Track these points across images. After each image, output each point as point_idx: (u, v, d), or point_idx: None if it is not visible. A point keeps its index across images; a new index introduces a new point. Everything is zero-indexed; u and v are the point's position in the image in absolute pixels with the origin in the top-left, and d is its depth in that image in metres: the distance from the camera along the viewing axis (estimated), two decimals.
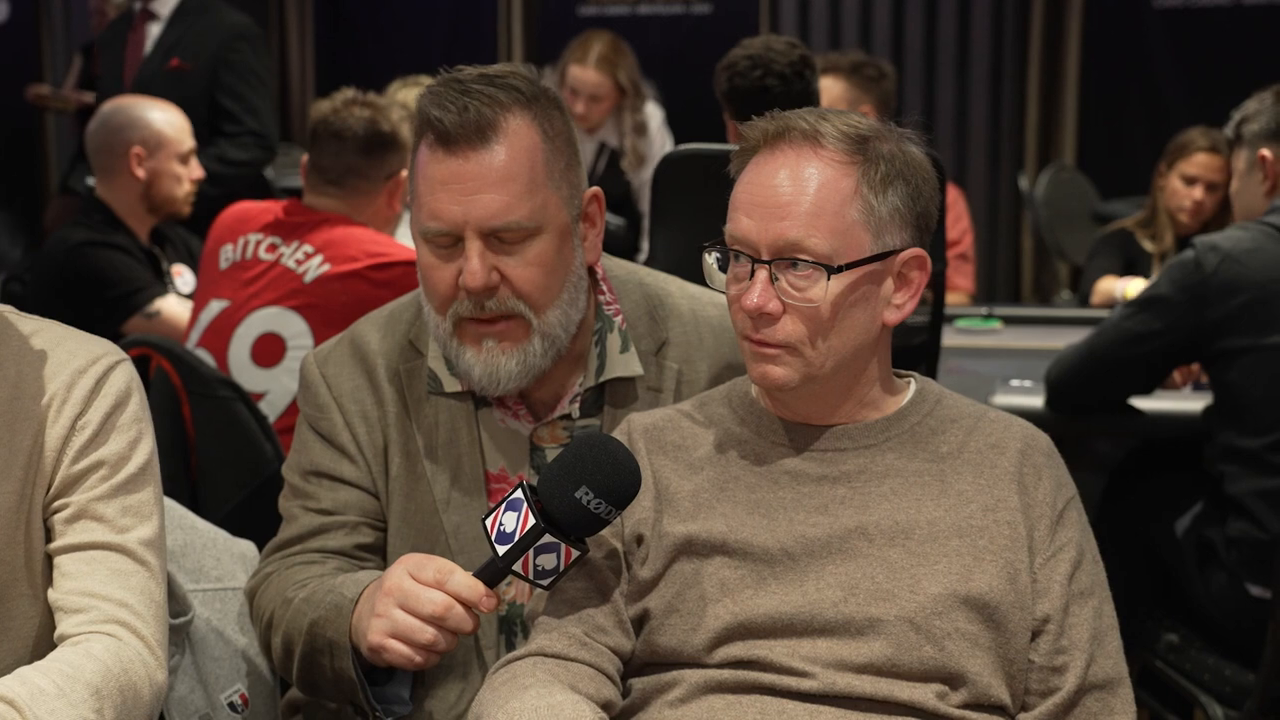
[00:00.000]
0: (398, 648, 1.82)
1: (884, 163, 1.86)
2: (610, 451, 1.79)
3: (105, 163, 4.07)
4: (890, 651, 1.79)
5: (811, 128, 1.86)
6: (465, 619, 1.80)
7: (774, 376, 1.87)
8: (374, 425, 2.10)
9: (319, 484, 2.10)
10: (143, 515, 1.88)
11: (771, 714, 1.78)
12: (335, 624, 1.91)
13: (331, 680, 1.94)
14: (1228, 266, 3.05)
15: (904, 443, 1.92)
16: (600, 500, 1.76)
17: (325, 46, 9.99)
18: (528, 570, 1.78)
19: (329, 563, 2.06)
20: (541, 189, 1.98)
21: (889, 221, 1.86)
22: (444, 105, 1.95)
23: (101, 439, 1.88)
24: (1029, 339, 4.46)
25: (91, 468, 1.87)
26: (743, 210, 1.87)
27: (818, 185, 1.83)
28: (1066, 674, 1.83)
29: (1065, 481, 1.93)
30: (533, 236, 1.98)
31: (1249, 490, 3.04)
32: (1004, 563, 1.83)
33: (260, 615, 2.07)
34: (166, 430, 3.02)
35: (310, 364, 2.16)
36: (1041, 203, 6.72)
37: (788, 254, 1.83)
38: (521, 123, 1.98)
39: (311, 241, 3.48)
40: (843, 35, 8.36)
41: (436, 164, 1.97)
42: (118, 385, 1.90)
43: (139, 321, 3.91)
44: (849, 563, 1.83)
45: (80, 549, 1.85)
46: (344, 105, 3.62)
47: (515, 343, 2.01)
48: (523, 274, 1.98)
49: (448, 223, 1.97)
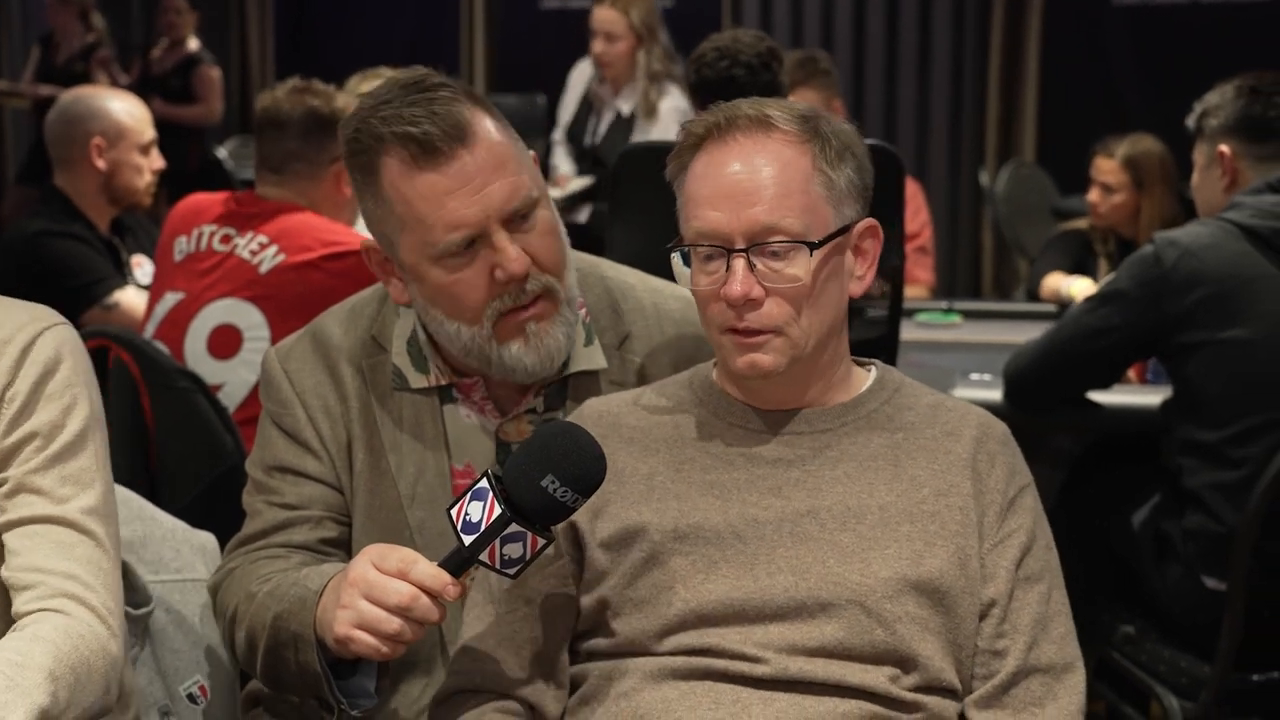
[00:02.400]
0: (364, 639, 1.80)
1: (834, 138, 1.88)
2: (576, 439, 1.78)
3: (65, 153, 4.04)
4: (841, 635, 1.79)
5: (759, 113, 1.87)
6: (431, 609, 1.79)
7: (763, 364, 1.86)
8: (337, 420, 2.09)
9: (282, 479, 2.09)
10: (83, 483, 1.85)
11: (725, 701, 1.78)
12: (300, 617, 1.89)
13: (296, 674, 1.92)
14: (1186, 261, 3.07)
15: (860, 428, 1.92)
16: (567, 489, 1.75)
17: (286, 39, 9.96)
18: (494, 560, 1.77)
19: (293, 557, 2.04)
20: (523, 159, 1.99)
21: (846, 194, 1.88)
22: (412, 120, 1.92)
23: (30, 409, 1.84)
24: (988, 333, 4.48)
25: (24, 440, 1.84)
26: (707, 204, 1.86)
27: (780, 166, 1.84)
28: (1006, 657, 1.83)
29: (1020, 469, 1.94)
30: (537, 206, 1.98)
31: (1206, 483, 3.06)
32: (955, 548, 1.84)
33: (224, 610, 2.05)
34: (126, 422, 3.01)
35: (272, 359, 2.14)
36: (1001, 198, 6.75)
37: (764, 238, 1.83)
38: (478, 114, 1.97)
39: (266, 232, 3.45)
40: (804, 33, 8.38)
41: (435, 175, 1.93)
42: (45, 353, 1.86)
43: (97, 313, 3.88)
44: (799, 546, 1.83)
45: (22, 524, 1.82)
46: (286, 94, 3.59)
47: (550, 319, 2.00)
48: (542, 245, 1.98)
49: (472, 226, 1.93)
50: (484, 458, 2.09)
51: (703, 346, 2.09)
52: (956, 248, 8.30)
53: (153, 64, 8.41)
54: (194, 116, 8.15)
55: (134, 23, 9.83)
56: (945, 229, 7.98)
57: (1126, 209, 4.95)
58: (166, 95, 8.08)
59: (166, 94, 8.09)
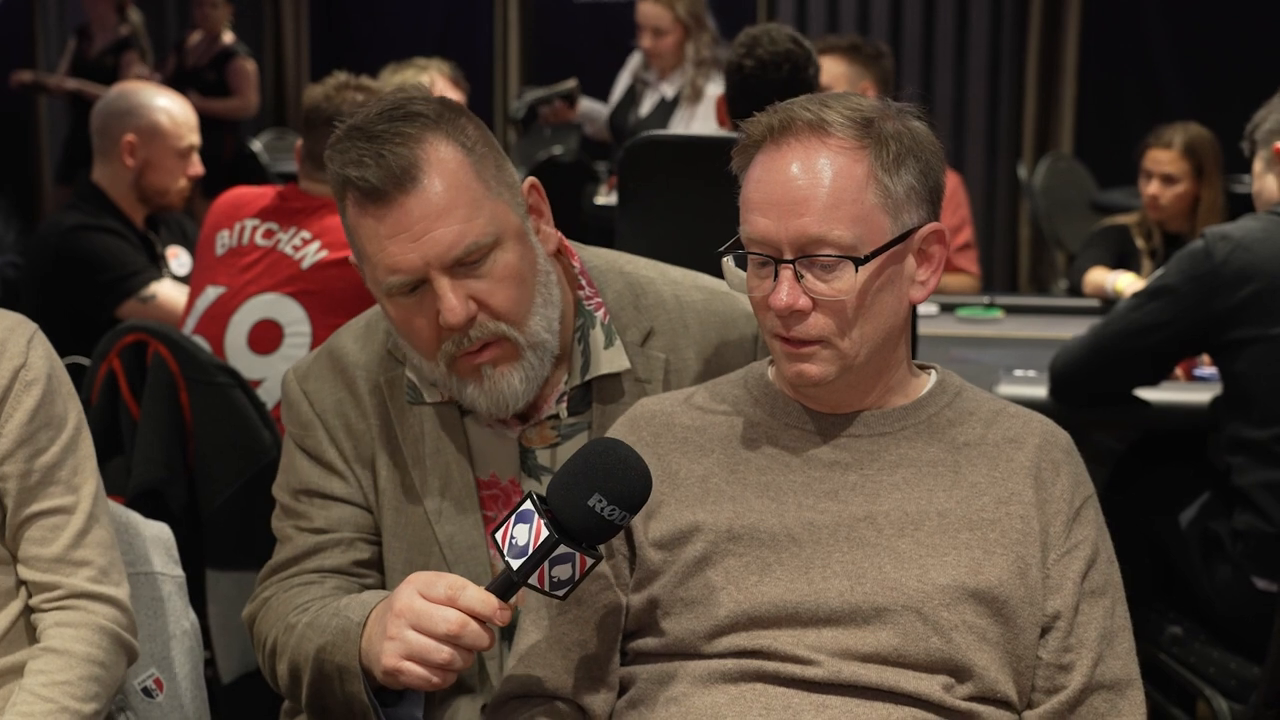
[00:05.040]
0: (414, 669, 1.77)
1: (893, 142, 1.82)
2: (621, 456, 1.75)
3: (102, 145, 4.03)
4: (897, 641, 1.77)
5: (816, 117, 1.82)
6: (481, 635, 1.76)
7: (810, 374, 1.84)
8: (359, 438, 2.06)
9: (310, 503, 2.07)
10: (89, 472, 2.02)
11: (776, 706, 1.76)
12: (343, 648, 1.87)
13: (343, 704, 1.90)
14: (1239, 255, 3.03)
15: (920, 432, 1.89)
16: (614, 507, 1.72)
17: (320, 29, 9.97)
18: (543, 582, 1.74)
19: (327, 582, 2.03)
20: (484, 201, 1.93)
21: (905, 200, 1.83)
22: (359, 162, 1.89)
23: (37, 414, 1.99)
24: (1031, 329, 4.46)
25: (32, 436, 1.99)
26: (758, 210, 1.83)
27: (832, 175, 1.80)
28: (1073, 672, 1.81)
29: (1083, 479, 1.91)
30: (493, 250, 1.93)
31: (1256, 482, 3.02)
32: (1014, 557, 1.81)
33: (262, 641, 2.03)
34: (164, 417, 3.00)
35: (291, 380, 2.12)
36: (1039, 192, 6.71)
37: (810, 250, 1.80)
38: (439, 146, 1.91)
39: (309, 227, 3.45)
40: (840, 24, 8.35)
41: (375, 221, 1.91)
42: (40, 355, 1.98)
43: (134, 306, 3.88)
44: (855, 551, 1.81)
45: (42, 516, 1.99)
46: (336, 90, 3.58)
47: (509, 362, 1.96)
48: (496, 293, 1.93)
49: (410, 272, 1.91)
50: (508, 466, 2.07)
51: (727, 339, 2.06)
52: (994, 242, 8.27)
53: (188, 57, 8.42)
54: (229, 110, 8.16)
55: (169, 16, 9.85)
56: (983, 222, 7.95)
57: (1188, 199, 4.90)
58: (202, 89, 8.08)
59: (202, 87, 8.10)
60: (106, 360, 3.04)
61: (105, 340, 3.06)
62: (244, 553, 2.93)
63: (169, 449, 3.00)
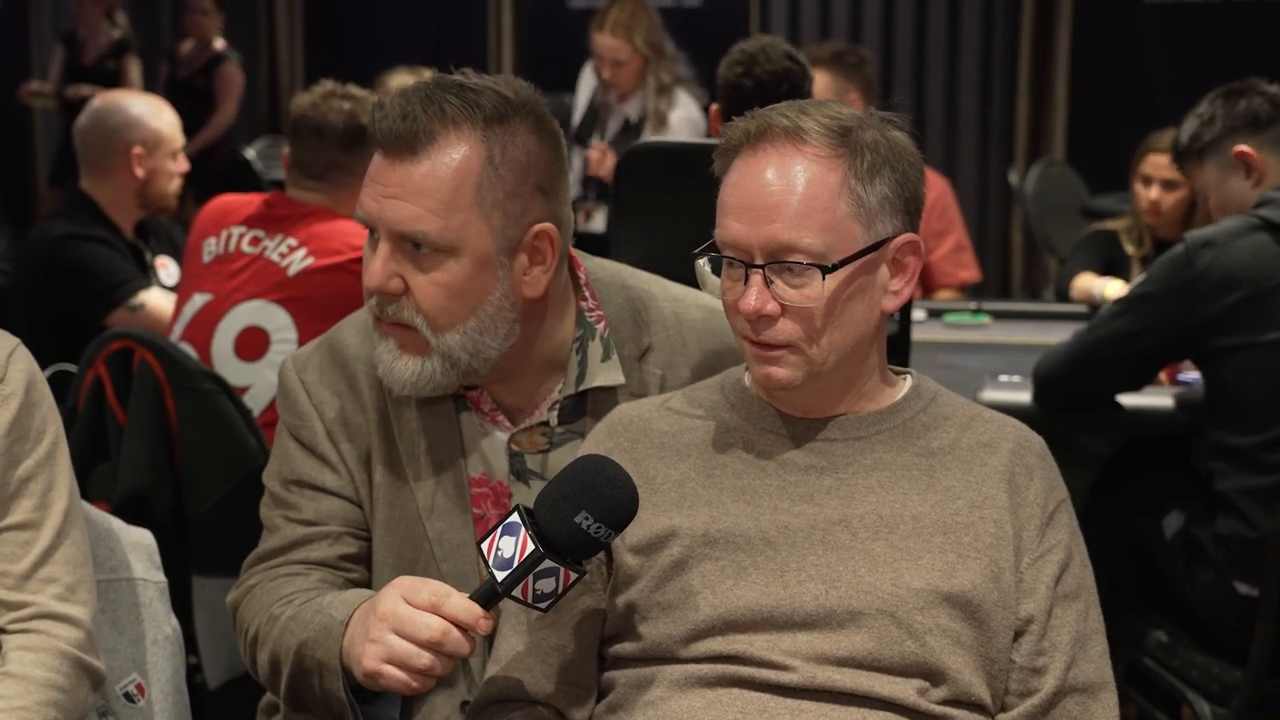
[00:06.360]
0: (394, 673, 1.79)
1: (869, 152, 1.83)
2: (609, 476, 1.77)
3: (101, 161, 4.03)
4: (871, 645, 1.77)
5: (793, 124, 1.84)
6: (462, 642, 1.77)
7: (777, 378, 1.85)
8: (356, 432, 2.07)
9: (300, 493, 2.07)
10: (63, 487, 1.99)
11: (752, 711, 1.76)
12: (325, 645, 1.88)
13: (321, 700, 1.91)
14: (1221, 262, 3.03)
15: (895, 436, 1.90)
16: (600, 525, 1.74)
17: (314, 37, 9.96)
18: (527, 595, 1.76)
19: (312, 574, 2.03)
20: (462, 211, 1.93)
21: (879, 211, 1.84)
22: (394, 111, 1.93)
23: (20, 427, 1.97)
24: (1018, 334, 4.46)
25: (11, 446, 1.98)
26: (731, 214, 1.85)
27: (805, 182, 1.81)
28: (1046, 675, 1.82)
29: (1057, 484, 1.92)
30: (446, 256, 1.93)
31: (1238, 488, 3.03)
32: (988, 561, 1.82)
33: (244, 629, 2.04)
34: (150, 424, 3.01)
35: (289, 370, 2.12)
36: (1031, 198, 6.71)
37: (780, 256, 1.81)
38: (461, 142, 1.92)
39: (295, 235, 3.46)
40: (833, 29, 8.35)
41: (374, 160, 1.97)
42: (21, 367, 1.97)
43: (123, 314, 3.89)
44: (830, 554, 1.82)
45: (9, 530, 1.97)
46: (323, 98, 3.60)
47: (414, 353, 1.97)
48: (425, 290, 1.94)
49: (366, 216, 1.97)
50: (498, 465, 2.07)
51: (724, 358, 2.07)
52: (986, 248, 8.26)
53: (180, 67, 8.42)
54: (213, 132, 8.08)
55: (163, 24, 9.85)
56: (974, 228, 7.94)
57: (1187, 204, 4.89)
58: (194, 96, 8.07)
59: (194, 95, 8.09)
60: (93, 367, 3.05)
61: (91, 347, 3.08)
62: (230, 559, 2.90)
63: (155, 455, 3.01)
